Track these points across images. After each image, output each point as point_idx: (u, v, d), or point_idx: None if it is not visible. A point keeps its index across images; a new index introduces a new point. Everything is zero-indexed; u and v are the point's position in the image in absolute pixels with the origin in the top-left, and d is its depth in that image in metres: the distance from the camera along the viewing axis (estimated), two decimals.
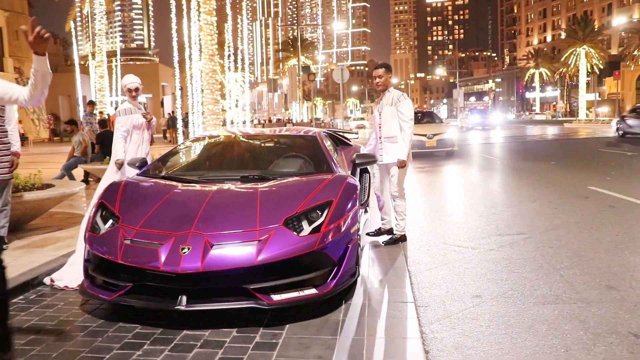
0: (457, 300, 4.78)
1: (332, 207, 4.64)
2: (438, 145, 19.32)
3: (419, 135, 18.52)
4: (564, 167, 15.20)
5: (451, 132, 20.27)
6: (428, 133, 19.16)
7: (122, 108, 6.95)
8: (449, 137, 19.67)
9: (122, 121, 6.80)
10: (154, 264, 4.13)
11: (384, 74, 6.65)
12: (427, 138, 19.05)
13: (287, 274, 4.27)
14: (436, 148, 19.36)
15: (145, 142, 7.14)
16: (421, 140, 18.84)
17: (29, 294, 5.10)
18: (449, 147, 19.66)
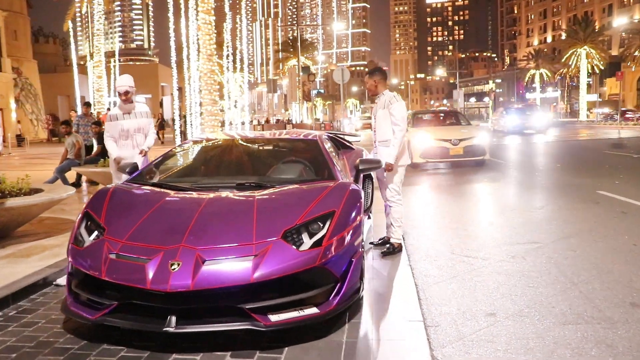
0: (469, 319, 4.42)
1: (335, 218, 4.27)
2: (465, 154, 15.71)
3: (441, 140, 15.66)
4: (570, 170, 14.85)
5: (482, 136, 16.29)
6: (453, 138, 15.68)
7: (110, 114, 6.79)
8: (479, 144, 15.91)
9: (107, 127, 6.65)
10: (140, 281, 3.77)
11: (368, 80, 6.54)
12: (451, 144, 15.57)
13: (285, 291, 3.90)
14: (463, 157, 15.78)
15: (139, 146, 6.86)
16: (444, 147, 15.57)
17: (9, 309, 4.74)
18: (478, 155, 15.92)
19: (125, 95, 6.74)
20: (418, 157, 15.66)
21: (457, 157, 15.77)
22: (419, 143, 15.74)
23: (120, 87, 6.71)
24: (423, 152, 15.66)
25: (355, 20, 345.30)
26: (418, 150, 15.65)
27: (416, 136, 15.92)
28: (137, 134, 6.87)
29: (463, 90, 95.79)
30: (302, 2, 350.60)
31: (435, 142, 15.63)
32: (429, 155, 15.70)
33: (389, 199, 6.48)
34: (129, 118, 6.93)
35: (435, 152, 15.61)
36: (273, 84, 39.88)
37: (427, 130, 16.80)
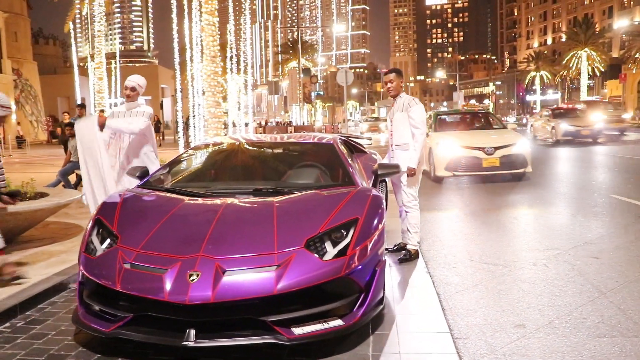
0: (498, 331, 4.23)
1: (359, 225, 4.09)
2: (502, 165, 12.44)
3: (472, 148, 12.40)
4: (581, 173, 14.67)
5: (522, 144, 12.83)
6: (487, 146, 12.36)
7: (109, 111, 6.56)
8: (519, 152, 12.61)
9: None
10: (158, 292, 3.58)
11: (395, 79, 6.31)
12: (484, 153, 12.28)
13: (309, 303, 3.71)
14: (499, 169, 12.50)
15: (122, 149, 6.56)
16: (475, 157, 12.33)
17: (17, 320, 4.55)
18: (518, 167, 12.63)
19: (132, 90, 6.50)
20: (442, 169, 12.60)
21: (491, 169, 12.49)
22: (443, 152, 12.66)
23: (129, 82, 6.49)
24: (449, 163, 12.47)
25: (354, 22, 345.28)
26: (442, 161, 12.60)
27: (440, 143, 12.85)
28: (125, 135, 6.54)
29: (463, 92, 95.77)
30: (302, 4, 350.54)
31: (464, 151, 12.45)
32: (457, 167, 12.50)
33: (406, 204, 6.32)
34: (123, 116, 6.59)
35: (465, 164, 12.42)
36: (275, 85, 39.68)
37: (453, 135, 13.48)
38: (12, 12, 46.49)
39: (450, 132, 14.10)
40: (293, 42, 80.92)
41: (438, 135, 13.48)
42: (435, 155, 12.84)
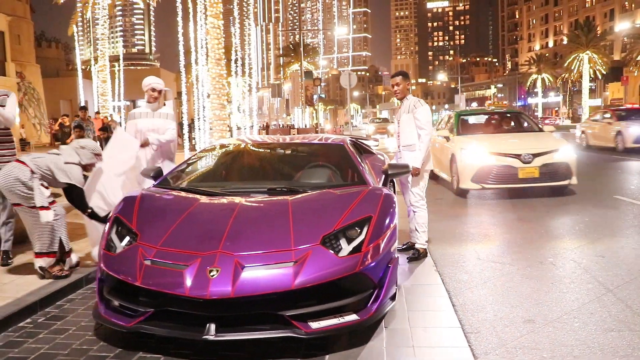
0: (508, 326, 4.34)
1: (372, 223, 4.20)
2: (542, 176, 10.23)
3: (506, 155, 10.31)
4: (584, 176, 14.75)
5: (566, 150, 10.67)
6: (523, 152, 10.23)
7: (132, 112, 6.72)
8: (562, 161, 10.48)
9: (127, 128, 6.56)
10: (179, 288, 3.69)
11: (402, 82, 6.42)
12: (520, 162, 10.14)
13: (325, 298, 3.83)
14: (538, 181, 10.31)
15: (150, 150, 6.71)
16: (509, 165, 10.20)
17: (37, 316, 4.66)
18: (561, 178, 10.47)
19: (159, 93, 6.71)
20: (468, 180, 10.48)
21: (529, 180, 10.31)
22: (469, 159, 10.58)
23: (157, 84, 6.67)
24: (477, 173, 10.34)
25: (356, 25, 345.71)
26: (468, 171, 10.50)
27: (465, 149, 10.81)
28: (151, 134, 6.68)
29: (465, 95, 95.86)
30: (303, 7, 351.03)
31: (495, 159, 10.34)
32: (486, 178, 10.33)
33: (413, 203, 6.43)
34: (146, 117, 6.77)
35: (497, 174, 10.27)
36: (278, 88, 39.84)
37: (481, 140, 11.21)
38: (15, 15, 46.59)
39: (476, 135, 11.86)
40: (295, 45, 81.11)
41: (462, 140, 11.35)
42: (460, 164, 10.81)
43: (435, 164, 11.46)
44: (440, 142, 12.49)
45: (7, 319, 4.39)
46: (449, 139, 11.99)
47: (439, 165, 12.41)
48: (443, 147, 12.25)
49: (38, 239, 5.37)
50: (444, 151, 12.14)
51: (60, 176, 5.45)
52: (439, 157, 12.28)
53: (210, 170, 6.11)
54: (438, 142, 12.56)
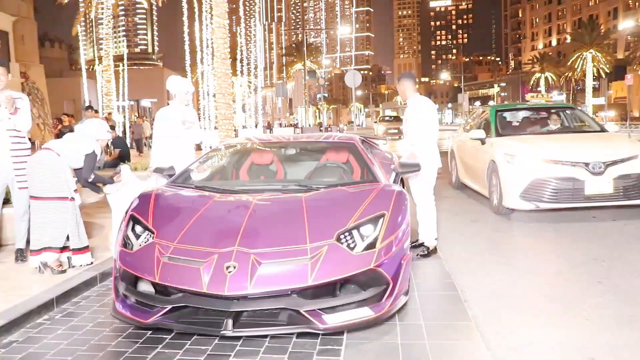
0: (521, 320, 4.38)
1: (386, 220, 4.27)
2: (618, 191, 7.83)
3: (567, 164, 7.91)
4: None
5: None
6: (593, 160, 7.85)
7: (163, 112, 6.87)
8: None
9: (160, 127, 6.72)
10: (196, 284, 3.76)
11: (408, 83, 6.57)
12: (589, 172, 7.79)
13: (340, 294, 3.91)
14: (613, 199, 7.91)
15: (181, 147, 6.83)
16: (574, 178, 7.81)
17: (54, 313, 4.73)
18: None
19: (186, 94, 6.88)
20: (516, 196, 7.95)
21: (600, 198, 7.85)
22: (518, 168, 8.03)
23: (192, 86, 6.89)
24: (529, 187, 7.84)
25: (358, 24, 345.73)
26: (515, 184, 7.96)
27: (512, 155, 8.24)
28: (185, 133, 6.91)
29: (468, 94, 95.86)
30: (306, 6, 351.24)
31: (552, 168, 7.84)
32: (541, 194, 7.81)
33: (422, 201, 6.49)
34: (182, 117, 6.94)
35: (556, 189, 7.78)
36: (282, 87, 39.85)
37: (531, 143, 8.57)
38: (20, 15, 46.72)
39: (523, 137, 9.26)
40: (298, 44, 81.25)
41: (506, 143, 8.75)
42: (504, 174, 8.24)
43: (465, 173, 10.87)
44: (471, 146, 10.19)
45: (25, 316, 4.45)
46: (484, 141, 9.39)
47: (471, 174, 10.42)
48: (477, 152, 9.81)
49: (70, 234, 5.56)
50: (478, 157, 9.73)
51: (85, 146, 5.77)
52: (470, 165, 10.43)
53: (224, 168, 6.18)
54: (468, 145, 10.52)
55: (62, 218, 5.50)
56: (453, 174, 12.03)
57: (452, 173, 12.11)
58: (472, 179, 10.36)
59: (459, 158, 11.46)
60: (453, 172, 12.04)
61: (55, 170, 5.50)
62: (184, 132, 6.74)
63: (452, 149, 12.23)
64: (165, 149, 6.73)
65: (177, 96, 6.82)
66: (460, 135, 12.07)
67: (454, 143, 12.24)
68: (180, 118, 6.70)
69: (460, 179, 11.38)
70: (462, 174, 11.12)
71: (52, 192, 5.46)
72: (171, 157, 6.61)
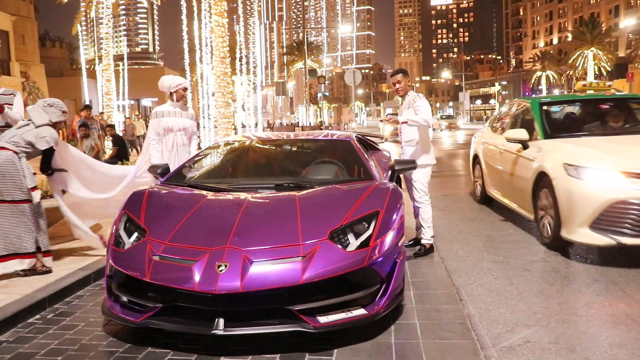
0: (517, 320, 4.33)
1: (380, 218, 4.22)
2: None
3: None
4: None
5: None
6: None
7: (154, 111, 6.81)
8: None
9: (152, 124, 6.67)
10: (187, 283, 3.71)
11: (402, 79, 6.46)
12: None
13: (333, 293, 3.85)
14: None
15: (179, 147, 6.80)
16: None
17: (46, 312, 4.69)
18: None
19: (185, 91, 6.83)
20: (583, 224, 5.73)
21: None
22: (588, 185, 5.77)
23: (186, 83, 6.83)
24: (605, 211, 5.56)
25: (359, 23, 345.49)
26: (582, 207, 5.73)
27: (577, 166, 5.97)
28: (180, 132, 6.85)
29: (469, 93, 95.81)
30: (307, 5, 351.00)
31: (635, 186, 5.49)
32: (623, 224, 5.49)
33: (417, 199, 6.46)
34: (174, 116, 6.82)
35: None
36: (282, 86, 39.85)
37: (599, 148, 6.37)
38: (20, 15, 46.71)
39: (585, 139, 6.90)
40: (299, 43, 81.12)
41: (561, 148, 6.61)
42: (562, 191, 6.03)
43: (496, 185, 8.58)
44: (505, 150, 7.89)
45: (16, 315, 4.42)
46: (526, 145, 7.22)
47: (504, 188, 8.12)
48: (515, 159, 7.48)
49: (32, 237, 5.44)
50: (517, 166, 7.41)
51: (42, 144, 5.55)
52: (503, 175, 8.07)
53: (217, 166, 6.15)
54: (500, 149, 8.25)
55: (22, 222, 5.37)
56: (477, 184, 9.82)
57: (476, 184, 9.89)
58: (506, 194, 8.10)
59: (486, 165, 9.09)
60: (477, 182, 9.81)
61: (11, 172, 5.30)
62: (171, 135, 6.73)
63: (474, 153, 9.95)
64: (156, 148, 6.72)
65: (167, 95, 6.84)
66: (486, 135, 9.63)
67: (477, 146, 9.88)
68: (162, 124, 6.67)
69: (487, 191, 9.03)
70: (491, 186, 8.78)
71: (8, 196, 5.30)
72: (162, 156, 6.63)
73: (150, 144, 6.75)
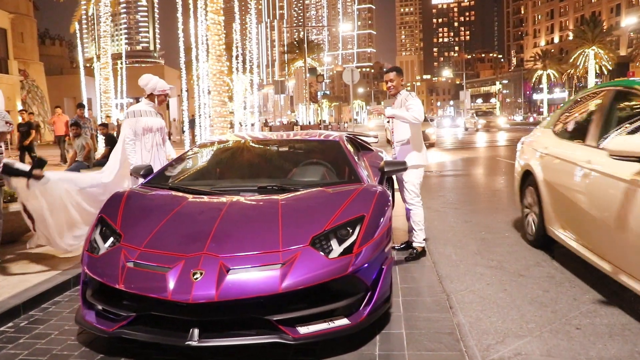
0: (508, 330, 4.15)
1: (365, 223, 4.03)
2: None
3: None
4: None
5: None
6: None
7: (131, 110, 6.62)
8: None
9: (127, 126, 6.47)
10: (161, 291, 3.53)
11: (395, 78, 6.28)
12: None
13: (314, 302, 3.66)
14: None
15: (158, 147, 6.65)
16: None
17: (20, 320, 4.51)
18: None
19: (166, 96, 6.67)
20: None
21: None
22: None
23: (170, 88, 6.64)
24: None
25: (360, 21, 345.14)
26: None
27: None
28: (157, 132, 6.70)
29: (470, 91, 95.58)
30: (308, 3, 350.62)
31: None
32: None
33: (409, 201, 6.28)
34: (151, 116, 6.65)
35: None
36: (281, 85, 39.64)
37: None
38: (18, 12, 46.55)
39: None
40: (299, 42, 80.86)
41: None
42: None
43: (571, 225, 5.38)
44: (595, 171, 4.81)
45: None
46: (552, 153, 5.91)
47: (597, 236, 4.80)
48: (627, 193, 4.19)
49: None
50: (631, 204, 4.12)
51: None
52: (590, 214, 4.86)
53: (202, 168, 5.96)
54: (580, 169, 5.10)
55: None
56: (529, 217, 6.66)
57: (528, 216, 6.73)
58: (591, 243, 4.97)
59: (548, 190, 5.94)
60: (529, 214, 6.68)
61: None
62: None
63: (525, 168, 6.82)
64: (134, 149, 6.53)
65: (146, 94, 6.70)
66: (545, 141, 6.45)
67: (529, 157, 6.73)
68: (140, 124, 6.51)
69: (547, 229, 6.02)
70: (557, 223, 5.73)
71: None
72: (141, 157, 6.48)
73: (128, 145, 6.50)
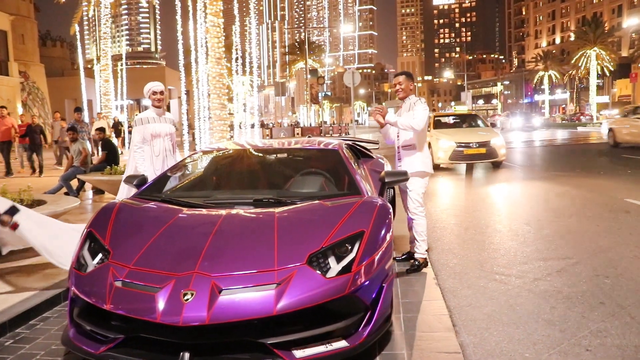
0: (517, 352, 3.96)
1: (364, 239, 3.84)
2: None
3: None
4: (593, 176, 14.33)
5: None
6: None
7: (139, 117, 6.52)
8: None
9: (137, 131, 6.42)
10: (150, 313, 3.35)
11: (404, 81, 6.09)
12: None
13: (311, 323, 3.47)
14: None
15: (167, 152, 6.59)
16: None
17: (5, 338, 4.32)
18: None
19: (161, 94, 6.53)
20: None
21: None
22: None
23: (157, 87, 6.50)
24: None
25: (362, 22, 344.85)
26: None
27: None
28: (167, 138, 6.64)
29: (471, 92, 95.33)
30: (309, 4, 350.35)
31: None
32: None
33: (412, 211, 6.08)
34: (157, 122, 6.60)
35: None
36: (282, 86, 39.45)
37: None
38: (19, 14, 46.43)
39: None
40: (300, 43, 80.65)
41: None
42: None
43: None
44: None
45: None
46: None
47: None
48: None
49: None
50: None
51: None
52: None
53: (197, 178, 5.77)
54: None
55: None
56: None
57: None
58: None
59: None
60: None
61: None
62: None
63: None
64: (142, 156, 6.46)
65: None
66: None
67: None
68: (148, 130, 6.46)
69: None
70: None
71: None
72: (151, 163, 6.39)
73: (137, 152, 6.45)
